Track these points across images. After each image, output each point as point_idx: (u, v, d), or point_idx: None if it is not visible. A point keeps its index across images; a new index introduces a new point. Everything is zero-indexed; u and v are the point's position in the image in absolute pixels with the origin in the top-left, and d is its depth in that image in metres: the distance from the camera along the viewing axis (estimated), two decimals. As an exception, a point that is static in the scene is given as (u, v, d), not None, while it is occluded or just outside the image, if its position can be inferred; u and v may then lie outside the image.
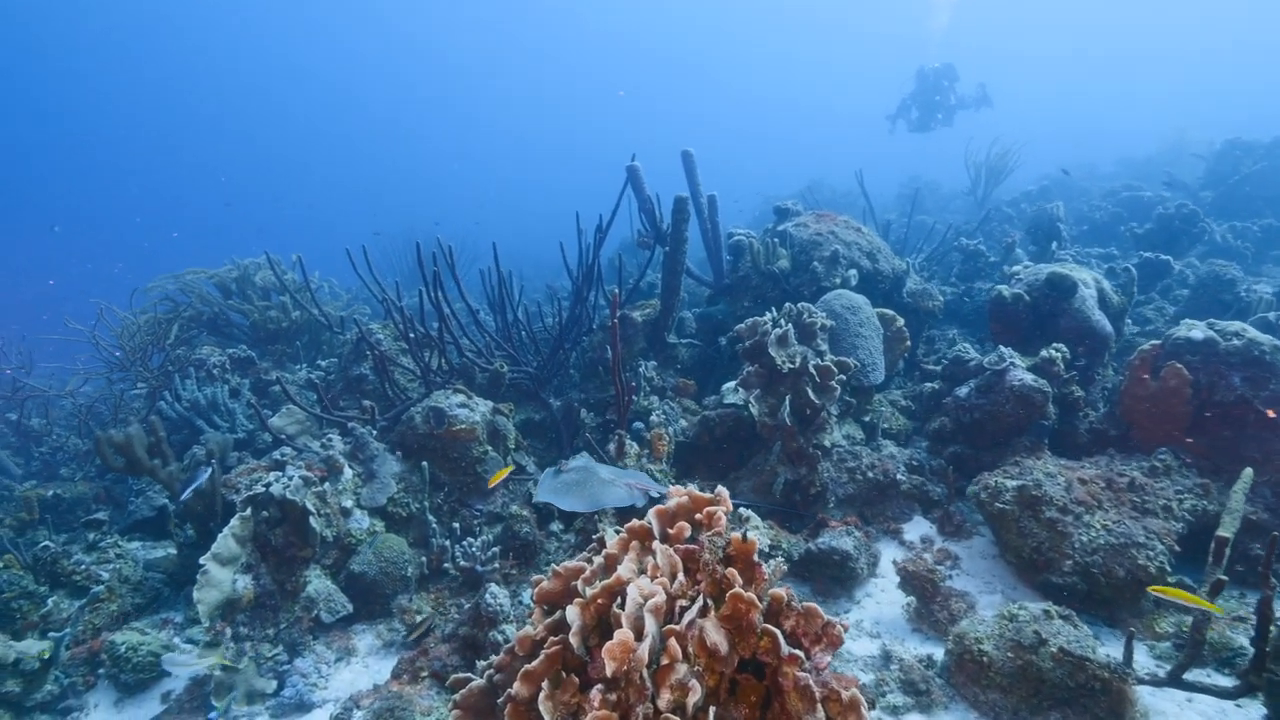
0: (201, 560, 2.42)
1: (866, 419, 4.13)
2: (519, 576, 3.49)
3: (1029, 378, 3.49)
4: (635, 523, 1.98)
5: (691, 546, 1.87)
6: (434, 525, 3.50)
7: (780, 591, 1.75)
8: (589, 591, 1.81)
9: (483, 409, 3.90)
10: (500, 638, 2.50)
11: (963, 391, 3.74)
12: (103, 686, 2.65)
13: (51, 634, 2.48)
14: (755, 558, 1.78)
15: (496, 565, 3.31)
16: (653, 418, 3.64)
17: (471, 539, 3.39)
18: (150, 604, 3.20)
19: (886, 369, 4.41)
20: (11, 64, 45.77)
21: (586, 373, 4.94)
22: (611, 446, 3.50)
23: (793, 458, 3.50)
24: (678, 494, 2.09)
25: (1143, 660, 2.56)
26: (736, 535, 1.78)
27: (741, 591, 1.69)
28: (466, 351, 4.45)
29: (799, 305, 3.85)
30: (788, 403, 3.45)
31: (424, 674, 2.43)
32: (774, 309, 3.95)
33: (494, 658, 2.21)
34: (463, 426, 3.72)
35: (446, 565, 3.40)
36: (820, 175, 18.58)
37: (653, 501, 3.28)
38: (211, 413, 4.72)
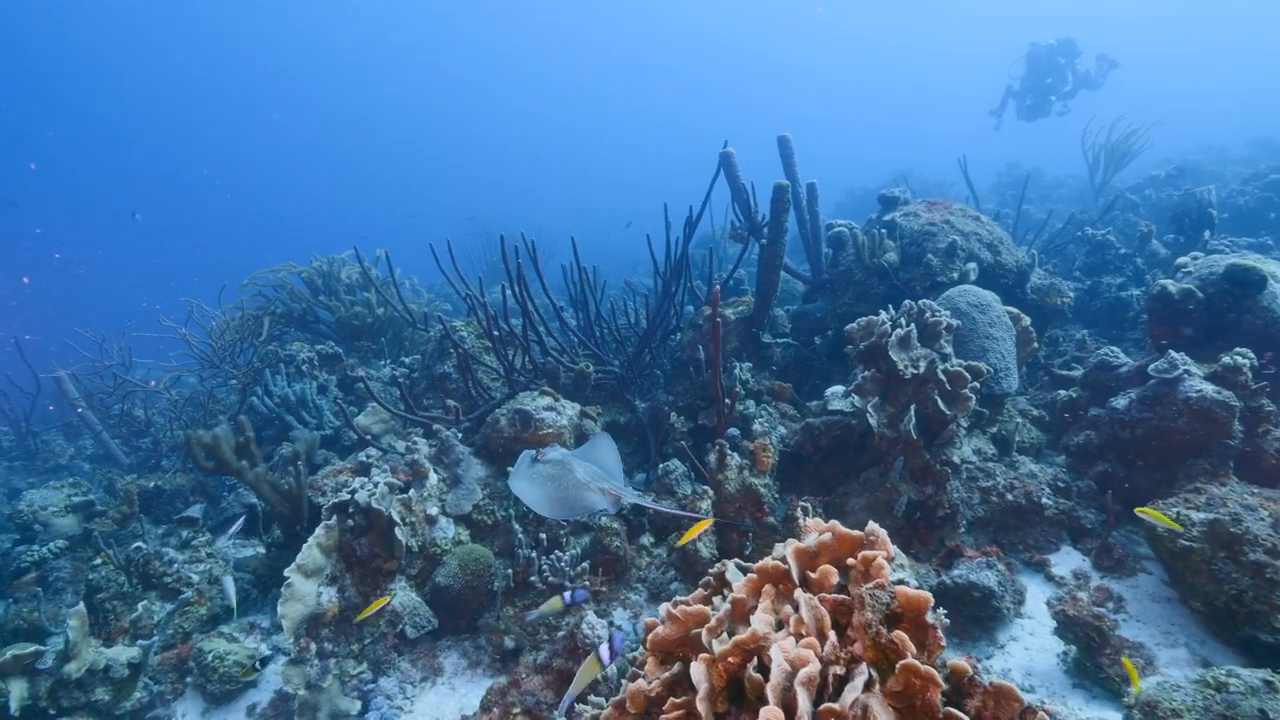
0: (286, 572, 2.28)
1: (994, 430, 3.65)
2: (609, 594, 3.24)
3: (1209, 389, 2.94)
4: (768, 562, 1.67)
5: (841, 597, 1.54)
6: (520, 535, 3.29)
7: (962, 663, 1.40)
8: (718, 647, 1.51)
9: (569, 412, 3.68)
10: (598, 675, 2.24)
11: (1120, 403, 3.22)
12: (190, 695, 2.57)
13: (141, 641, 2.40)
14: (928, 617, 1.43)
15: (587, 583, 3.08)
16: (755, 426, 3.32)
17: (559, 553, 3.17)
18: (239, 605, 3.13)
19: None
20: (130, 66, 49.71)
21: (674, 373, 4.64)
22: (711, 457, 3.20)
23: (917, 475, 3.10)
24: (818, 528, 1.76)
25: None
26: (903, 587, 1.44)
27: (917, 663, 1.34)
28: (551, 350, 4.25)
29: (920, 303, 3.42)
30: (912, 413, 3.04)
31: (516, 710, 2.20)
32: (890, 307, 3.53)
33: (595, 710, 1.95)
34: (549, 430, 3.51)
35: (533, 579, 3.19)
36: (909, 165, 17.63)
37: (637, 509, 2.84)
38: (300, 409, 4.71)
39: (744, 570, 1.83)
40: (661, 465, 3.76)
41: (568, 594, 2.30)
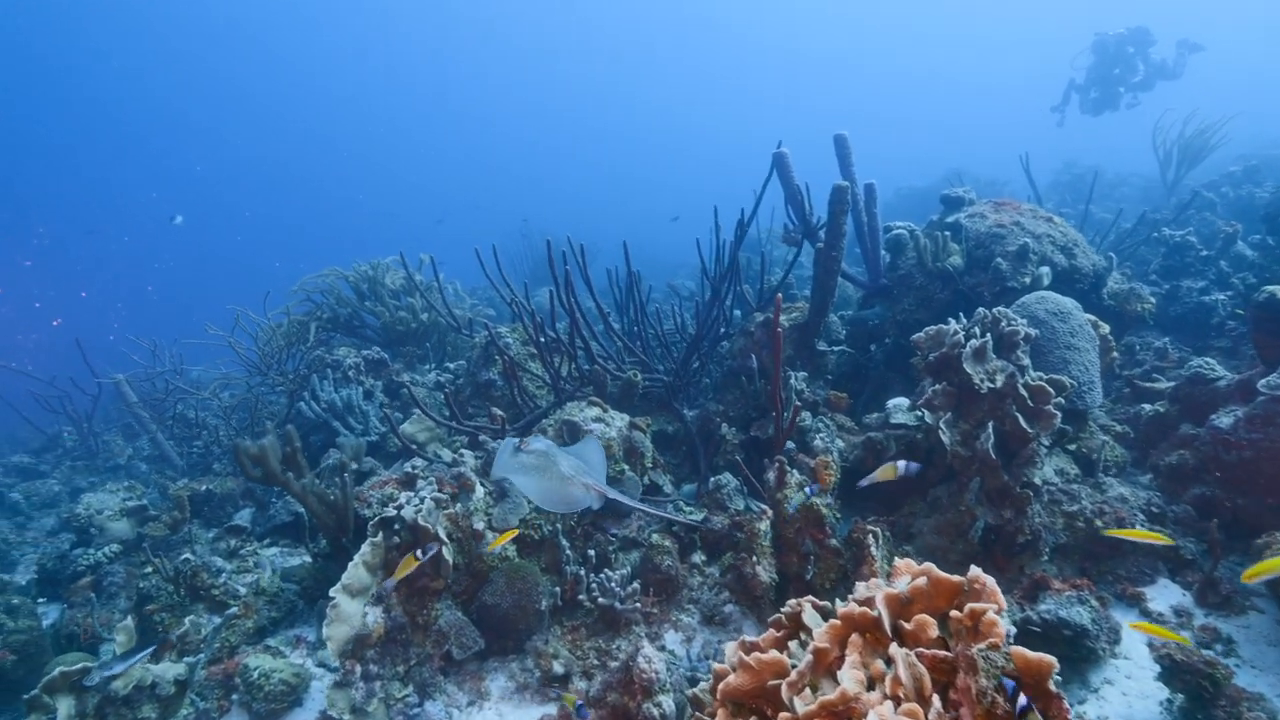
0: (331, 592, 2.20)
1: (1075, 449, 3.38)
2: (660, 616, 3.10)
3: (1330, 408, 2.65)
4: (854, 608, 1.49)
5: (941, 654, 1.36)
6: (568, 550, 3.18)
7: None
8: (801, 707, 1.35)
9: (619, 424, 3.55)
10: (656, 712, 2.10)
11: (1224, 421, 2.93)
12: (236, 713, 2.51)
13: (187, 658, 2.36)
14: (1052, 685, 1.24)
15: (638, 604, 2.94)
16: (816, 441, 3.13)
17: (609, 571, 3.04)
18: (285, 617, 3.09)
19: (1094, 386, 3.62)
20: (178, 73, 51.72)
21: (724, 382, 4.47)
22: (770, 475, 3.02)
23: (994, 497, 2.87)
24: (909, 571, 1.58)
25: None
26: (1022, 650, 1.25)
27: (1047, 744, 1.16)
28: (598, 358, 4.13)
29: (995, 311, 3.19)
30: (990, 430, 2.82)
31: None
32: (961, 315, 3.30)
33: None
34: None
35: (581, 596, 3.07)
36: (960, 163, 17.05)
37: (608, 504, 2.77)
38: (346, 414, 4.69)
39: (823, 613, 1.66)
40: (713, 479, 3.60)
41: None
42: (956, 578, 1.46)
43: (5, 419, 8.06)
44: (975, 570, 1.44)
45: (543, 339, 4.05)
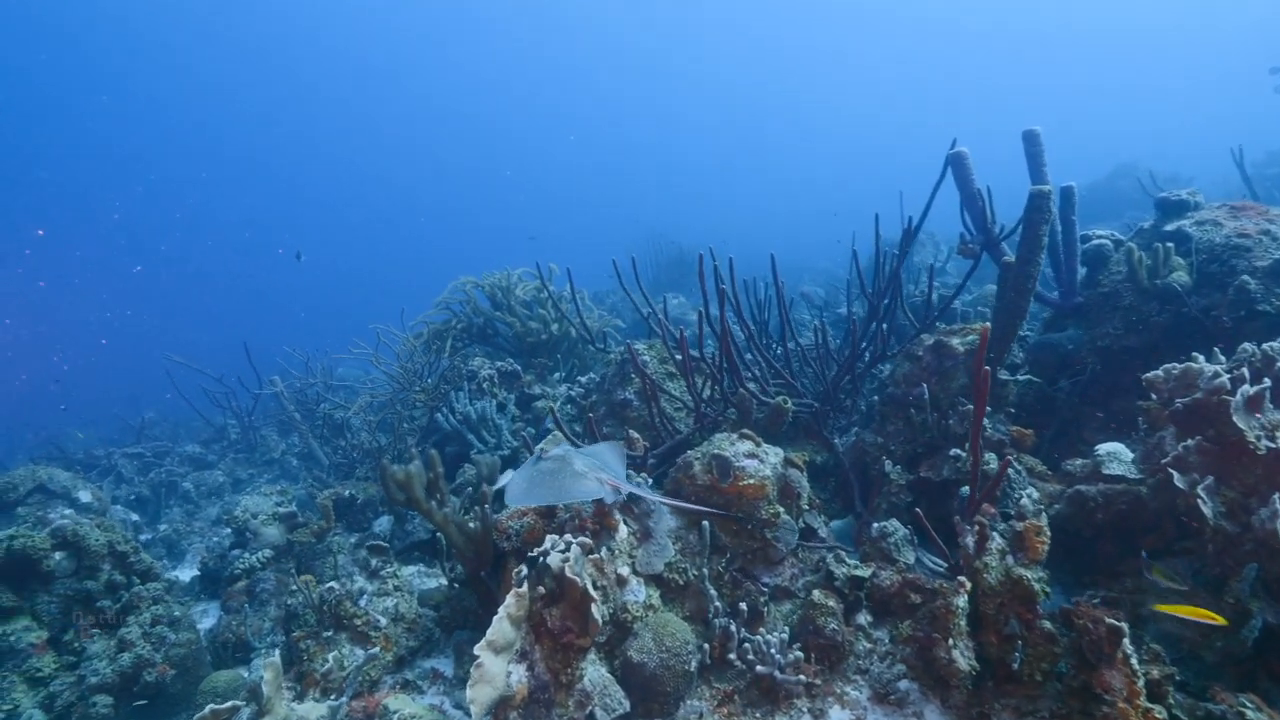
0: (476, 650, 2.01)
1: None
2: (823, 688, 2.69)
3: None
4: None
5: None
6: (716, 602, 2.85)
7: None
8: None
9: (773, 459, 3.17)
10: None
11: None
12: (376, 757, 2.40)
13: (330, 701, 2.26)
14: None
15: (801, 676, 2.56)
16: (1023, 501, 2.60)
17: (767, 633, 2.68)
18: (422, 646, 2.99)
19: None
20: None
21: (885, 411, 3.97)
22: (969, 539, 2.53)
23: (1276, 590, 2.23)
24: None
25: None
26: None
27: None
28: (745, 381, 3.77)
29: (1268, 347, 2.52)
30: (1277, 503, 2.19)
31: None
32: (1217, 351, 2.65)
33: None
34: (751, 482, 3.03)
35: (731, 655, 2.73)
36: (1131, 156, 15.18)
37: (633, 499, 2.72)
38: (481, 427, 4.64)
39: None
40: (876, 525, 3.15)
41: None
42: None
43: (180, 410, 8.97)
44: None
45: (679, 356, 3.76)
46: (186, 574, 4.45)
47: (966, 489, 3.25)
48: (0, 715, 2.36)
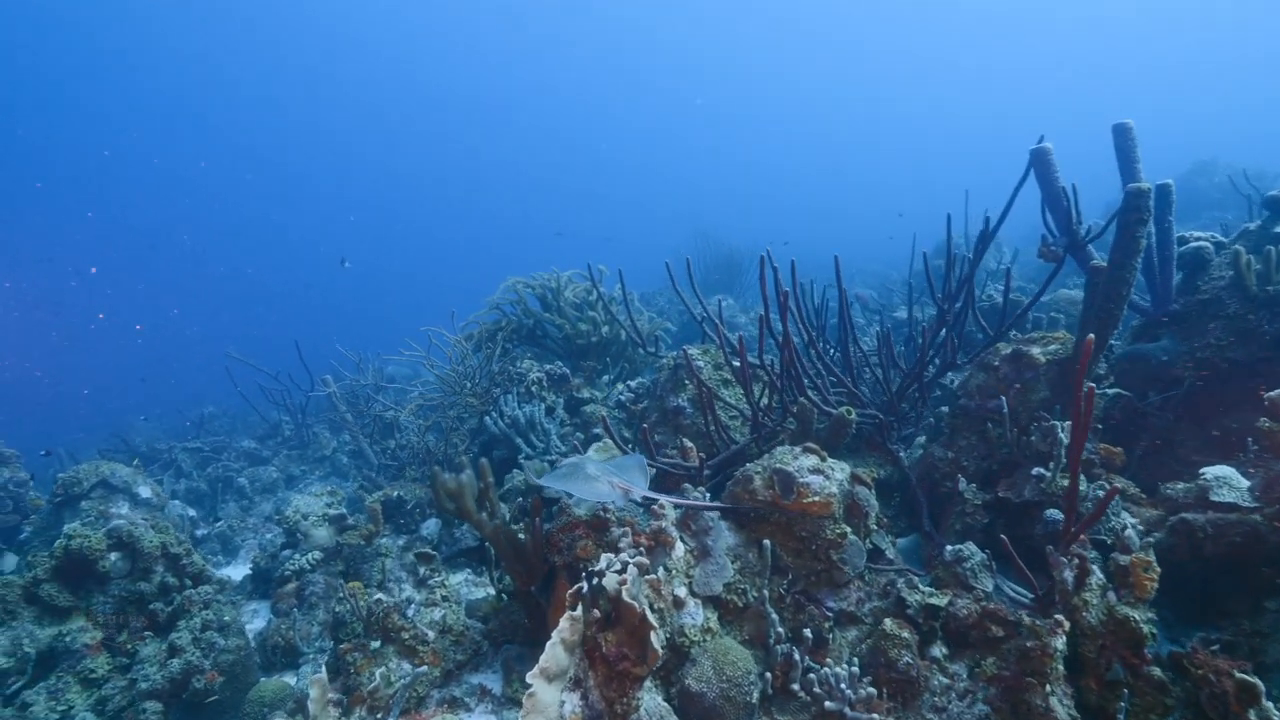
0: (529, 678, 1.89)
1: None
2: (896, 727, 2.49)
3: None
4: None
5: None
6: (778, 627, 2.67)
7: None
8: None
9: (839, 476, 2.97)
10: None
11: None
12: (421, 779, 2.30)
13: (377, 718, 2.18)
14: None
15: (874, 716, 2.36)
16: (1127, 531, 2.34)
17: (835, 666, 2.48)
18: (470, 660, 2.90)
19: None
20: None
21: (955, 424, 3.72)
22: (1067, 573, 2.29)
23: None
24: None
25: None
26: None
27: None
28: (807, 390, 3.57)
29: None
30: None
31: None
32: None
33: None
34: (816, 499, 2.83)
35: (794, 686, 2.55)
36: (1210, 152, 14.27)
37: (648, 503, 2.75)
38: (529, 431, 4.55)
39: None
40: (950, 548, 2.92)
41: None
42: None
43: (237, 405, 9.23)
44: None
45: (736, 362, 3.59)
46: (239, 571, 4.49)
47: (1053, 512, 3.00)
48: (55, 716, 2.37)
